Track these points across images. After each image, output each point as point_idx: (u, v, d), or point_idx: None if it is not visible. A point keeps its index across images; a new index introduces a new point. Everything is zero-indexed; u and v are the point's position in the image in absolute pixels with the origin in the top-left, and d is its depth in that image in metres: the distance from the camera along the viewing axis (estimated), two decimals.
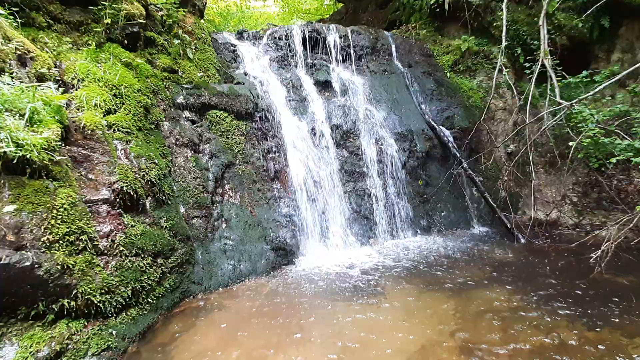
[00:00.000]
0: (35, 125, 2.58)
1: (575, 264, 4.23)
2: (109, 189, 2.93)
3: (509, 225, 5.27)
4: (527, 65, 6.58)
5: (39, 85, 2.87)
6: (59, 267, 2.33)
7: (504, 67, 6.35)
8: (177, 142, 4.18)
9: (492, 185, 6.18)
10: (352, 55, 6.70)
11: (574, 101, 5.21)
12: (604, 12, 6.45)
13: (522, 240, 5.04)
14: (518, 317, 3.07)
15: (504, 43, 6.12)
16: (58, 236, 2.40)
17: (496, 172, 6.51)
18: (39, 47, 3.56)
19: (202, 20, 5.72)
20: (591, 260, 4.20)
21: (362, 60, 6.81)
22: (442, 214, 5.78)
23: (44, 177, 2.50)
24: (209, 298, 3.62)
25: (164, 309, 3.21)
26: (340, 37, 6.66)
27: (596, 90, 4.81)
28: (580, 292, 3.50)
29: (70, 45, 3.90)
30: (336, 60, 6.62)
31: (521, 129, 6.22)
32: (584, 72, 5.97)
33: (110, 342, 2.52)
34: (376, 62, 6.87)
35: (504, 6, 6.42)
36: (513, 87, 6.40)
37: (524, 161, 6.29)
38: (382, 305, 3.32)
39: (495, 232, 5.53)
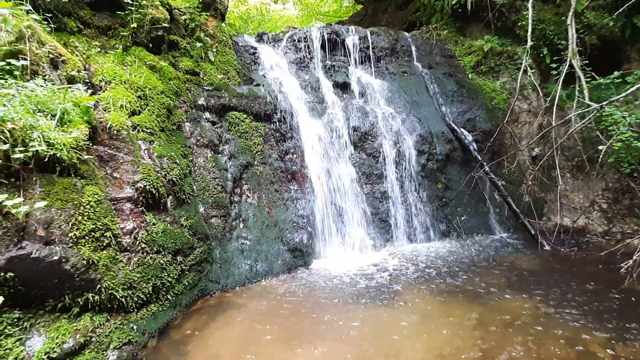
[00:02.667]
0: (65, 125, 2.69)
1: (605, 274, 4.03)
2: (132, 187, 3.02)
3: (533, 232, 5.09)
4: (554, 66, 6.35)
5: (69, 87, 2.99)
6: (84, 262, 2.42)
7: (529, 68, 6.15)
8: (198, 143, 4.27)
9: (515, 190, 5.98)
10: (371, 57, 6.66)
11: (604, 103, 5.00)
12: (636, 10, 6.16)
13: (547, 247, 4.85)
14: (543, 328, 2.95)
15: (530, 43, 5.93)
16: (84, 232, 2.49)
17: (520, 177, 6.30)
18: (69, 50, 3.72)
19: (223, 24, 5.84)
20: (622, 270, 4.00)
21: (382, 61, 6.76)
22: (462, 218, 5.64)
23: (72, 175, 2.60)
24: (225, 296, 3.67)
25: (183, 306, 3.27)
26: (360, 39, 6.64)
27: (629, 91, 4.60)
28: (610, 304, 3.33)
29: (99, 49, 4.06)
30: (355, 62, 6.60)
31: (547, 132, 6.01)
32: (615, 73, 5.70)
33: (131, 337, 2.59)
34: (395, 63, 6.80)
35: (529, 5, 6.23)
36: (539, 88, 6.19)
37: (550, 165, 6.06)
38: (399, 312, 3.27)
39: (518, 239, 5.35)
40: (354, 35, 6.62)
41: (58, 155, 2.47)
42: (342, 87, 6.10)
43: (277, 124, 5.07)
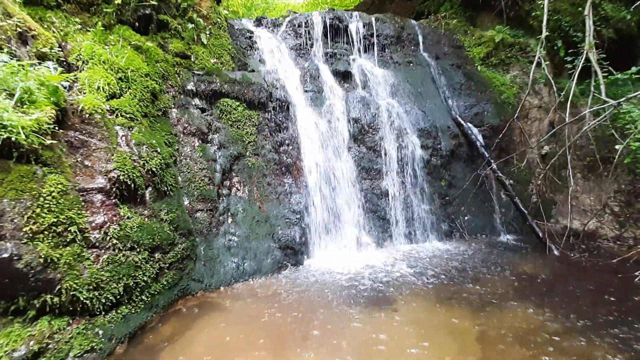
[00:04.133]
0: (25, 106, 2.40)
1: (618, 283, 3.75)
2: (105, 177, 2.74)
3: (540, 235, 4.79)
4: (569, 59, 5.98)
5: (35, 64, 2.70)
6: (41, 260, 2.15)
7: (542, 60, 5.78)
8: (185, 131, 3.97)
9: (522, 190, 5.68)
10: (376, 45, 6.30)
11: (621, 100, 4.67)
12: None
13: (556, 252, 4.56)
14: (551, 343, 2.67)
15: (545, 33, 5.55)
16: (43, 226, 2.22)
17: (528, 176, 5.99)
18: (45, 26, 3.42)
19: (218, 5, 5.48)
20: (636, 279, 3.73)
21: (386, 50, 6.40)
22: (466, 218, 5.34)
23: (33, 162, 2.33)
24: (209, 297, 3.41)
25: (160, 307, 3.01)
26: (364, 26, 6.27)
27: None
28: (625, 316, 3.05)
29: (80, 26, 3.75)
30: (358, 50, 6.25)
31: (558, 130, 5.67)
32: (633, 69, 5.34)
33: (94, 343, 2.33)
34: (401, 52, 6.44)
35: None
36: (552, 82, 5.83)
37: (560, 164, 5.75)
38: (395, 319, 3.00)
39: (525, 241, 5.06)
40: (357, 21, 6.26)
41: (14, 139, 2.19)
42: (344, 76, 5.76)
43: (272, 113, 4.76)
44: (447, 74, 6.32)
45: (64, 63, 3.27)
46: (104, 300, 2.49)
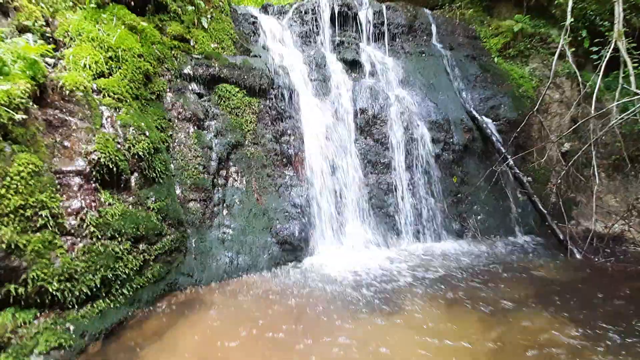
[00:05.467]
0: None
1: None
2: (84, 159, 2.53)
3: (561, 237, 4.42)
4: (595, 49, 5.58)
5: (11, 36, 2.50)
6: (4, 245, 1.94)
7: (567, 48, 5.38)
8: (180, 116, 3.75)
9: (541, 189, 5.30)
10: (386, 34, 5.99)
11: None
12: None
13: (578, 256, 4.19)
14: (574, 356, 2.35)
15: (569, 19, 5.16)
16: (8, 209, 2.01)
17: (546, 174, 5.60)
18: (33, 2, 3.24)
19: None
20: None
21: (397, 39, 6.08)
22: (479, 217, 5.00)
23: (0, 139, 2.11)
24: (198, 293, 3.18)
25: (143, 302, 2.79)
26: (374, 13, 5.97)
27: None
28: None
29: (71, 4, 3.56)
30: (367, 38, 5.95)
31: (583, 124, 5.26)
32: None
33: (63, 340, 2.11)
34: (413, 42, 6.11)
35: None
36: (578, 74, 5.43)
37: (582, 163, 5.35)
38: (401, 327, 2.70)
39: (543, 243, 4.68)
40: (367, 8, 5.96)
41: None
42: (351, 65, 5.47)
43: (274, 100, 4.50)
44: (462, 66, 5.97)
45: (50, 39, 3.08)
46: (77, 293, 2.27)
